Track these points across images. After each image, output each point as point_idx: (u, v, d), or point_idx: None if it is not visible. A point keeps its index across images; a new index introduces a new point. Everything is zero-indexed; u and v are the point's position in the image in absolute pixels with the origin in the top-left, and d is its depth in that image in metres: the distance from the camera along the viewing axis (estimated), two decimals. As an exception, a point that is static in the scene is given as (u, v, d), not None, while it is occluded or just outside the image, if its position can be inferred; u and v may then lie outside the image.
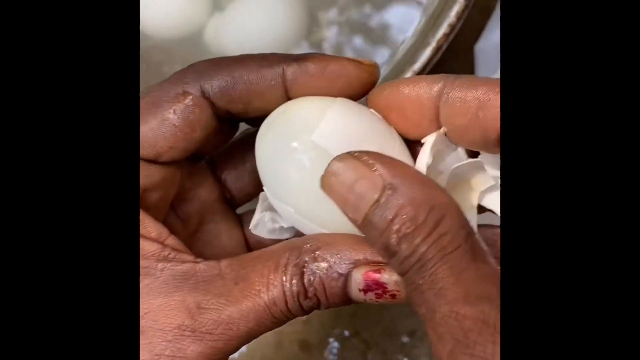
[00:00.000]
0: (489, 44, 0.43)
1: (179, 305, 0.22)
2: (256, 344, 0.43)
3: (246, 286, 0.22)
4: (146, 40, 0.41)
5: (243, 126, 0.28)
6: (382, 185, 0.20)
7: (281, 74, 0.24)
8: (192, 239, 0.27)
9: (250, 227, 0.27)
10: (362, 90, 0.25)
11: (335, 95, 0.24)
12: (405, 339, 0.43)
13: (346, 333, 0.44)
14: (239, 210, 0.29)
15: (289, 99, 0.24)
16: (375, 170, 0.20)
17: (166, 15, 0.41)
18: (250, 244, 0.28)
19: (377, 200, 0.20)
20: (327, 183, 0.21)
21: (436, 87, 0.23)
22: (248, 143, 0.27)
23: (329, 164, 0.21)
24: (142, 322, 0.22)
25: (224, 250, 0.28)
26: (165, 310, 0.22)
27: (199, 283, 0.22)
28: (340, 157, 0.21)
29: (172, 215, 0.27)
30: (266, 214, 0.26)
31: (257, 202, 0.28)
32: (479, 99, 0.22)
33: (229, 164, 0.28)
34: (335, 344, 0.43)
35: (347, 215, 0.21)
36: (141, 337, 0.22)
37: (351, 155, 0.21)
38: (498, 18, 0.42)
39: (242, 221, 0.29)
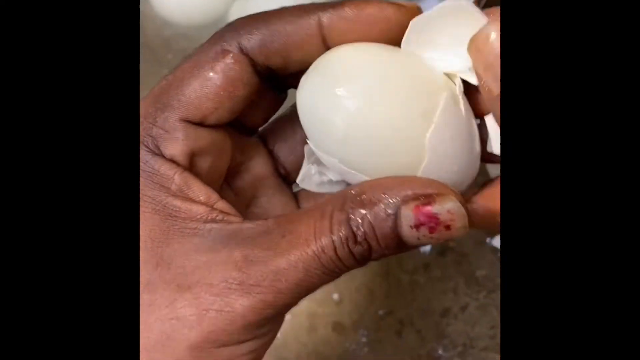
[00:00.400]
0: None
1: (226, 260, 0.21)
2: (290, 328, 0.44)
3: (293, 238, 0.21)
4: (171, 29, 0.42)
5: (291, 101, 0.28)
6: None
7: (317, 21, 0.23)
8: (245, 212, 0.27)
9: (297, 180, 0.26)
10: (399, 34, 0.24)
11: (376, 40, 0.23)
12: (439, 318, 0.43)
13: (380, 313, 0.44)
14: (295, 189, 0.29)
15: (327, 49, 0.24)
16: None
17: (190, 3, 0.42)
18: None
19: None
20: (476, 43, 0.21)
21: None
22: (297, 116, 0.27)
23: (484, 27, 0.21)
24: (189, 279, 0.22)
25: None
26: (213, 266, 0.22)
27: (247, 239, 0.22)
28: (493, 23, 0.21)
29: (226, 189, 0.27)
30: (312, 166, 0.25)
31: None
32: None
33: (279, 137, 0.28)
34: (369, 324, 0.44)
35: (483, 83, 0.21)
36: (189, 292, 0.21)
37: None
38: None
39: (297, 198, 0.28)
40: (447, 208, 0.21)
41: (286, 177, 0.28)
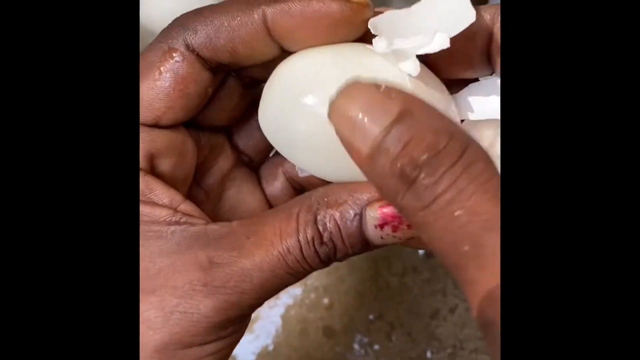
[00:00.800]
0: None
1: (190, 262, 0.21)
2: (281, 333, 0.44)
3: (258, 239, 0.22)
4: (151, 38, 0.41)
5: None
6: (399, 110, 0.18)
7: (262, 16, 0.23)
8: (216, 207, 0.27)
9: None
10: (351, 31, 0.23)
11: (323, 37, 0.23)
12: (428, 320, 0.44)
13: (370, 317, 0.44)
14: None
15: (277, 44, 0.23)
16: (391, 96, 0.18)
17: (171, 12, 0.42)
18: (270, 200, 0.28)
19: (391, 125, 0.18)
20: (334, 110, 0.19)
21: (489, 14, 0.22)
22: (254, 102, 0.27)
23: (338, 90, 0.19)
24: (153, 282, 0.22)
25: (250, 213, 0.27)
26: (177, 268, 0.22)
27: (211, 241, 0.22)
28: (351, 83, 0.19)
29: (196, 188, 0.27)
30: None
31: (269, 159, 0.28)
32: None
33: (236, 126, 0.28)
34: (360, 328, 0.44)
35: (352, 147, 0.18)
36: (153, 296, 0.21)
37: (363, 82, 0.19)
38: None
39: (260, 179, 0.28)
40: None
41: (249, 164, 0.28)
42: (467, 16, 0.21)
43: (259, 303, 0.22)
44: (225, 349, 0.23)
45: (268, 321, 0.44)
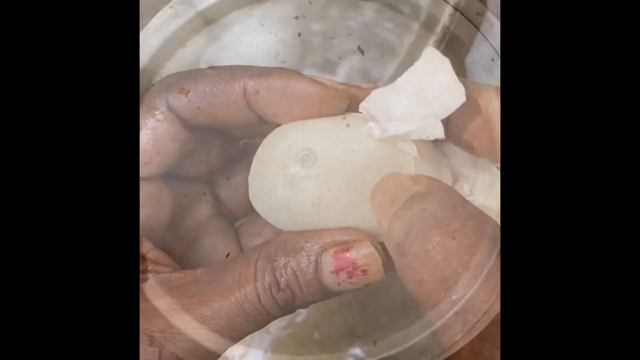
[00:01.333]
0: (479, 56, 0.42)
1: (151, 309, 0.22)
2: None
3: (219, 286, 0.22)
4: (142, 77, 0.42)
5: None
6: (414, 191, 0.21)
7: (243, 88, 0.24)
8: (188, 253, 0.27)
9: None
10: (329, 110, 0.24)
11: (301, 114, 0.24)
12: (419, 355, 0.43)
13: (359, 353, 0.43)
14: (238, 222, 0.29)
15: (255, 113, 0.24)
16: (416, 181, 0.21)
17: (161, 50, 0.42)
18: None
19: (403, 205, 0.21)
20: (372, 199, 0.22)
21: None
22: (239, 157, 0.28)
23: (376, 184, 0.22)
24: None
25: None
26: (141, 315, 0.22)
27: (173, 288, 0.22)
28: (384, 177, 0.22)
29: (169, 232, 0.27)
30: None
31: (253, 215, 0.28)
32: (493, 102, 0.22)
33: (222, 179, 0.29)
34: (349, 364, 0.43)
35: (381, 227, 0.21)
36: None
37: (393, 176, 0.22)
38: (487, 31, 0.42)
39: (238, 234, 0.29)
40: (363, 253, 0.22)
41: (228, 216, 0.29)
42: (457, 96, 0.22)
43: (220, 349, 0.22)
44: None
45: (256, 357, 0.44)
